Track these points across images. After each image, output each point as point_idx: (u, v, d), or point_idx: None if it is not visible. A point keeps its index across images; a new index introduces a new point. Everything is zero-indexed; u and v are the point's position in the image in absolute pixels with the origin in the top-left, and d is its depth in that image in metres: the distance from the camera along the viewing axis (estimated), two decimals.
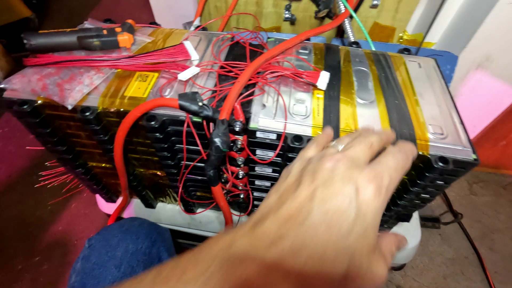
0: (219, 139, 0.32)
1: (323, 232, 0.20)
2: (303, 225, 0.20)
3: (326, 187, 0.21)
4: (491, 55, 0.70)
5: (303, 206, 0.21)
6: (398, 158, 0.25)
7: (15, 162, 1.13)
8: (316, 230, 0.20)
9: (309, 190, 0.22)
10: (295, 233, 0.20)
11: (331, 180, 0.21)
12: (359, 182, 0.21)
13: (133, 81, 0.37)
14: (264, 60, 0.38)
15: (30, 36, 0.36)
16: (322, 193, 0.21)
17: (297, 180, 0.23)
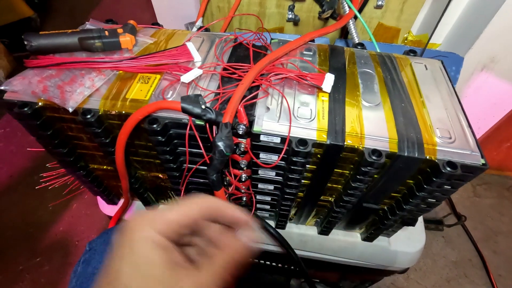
0: (223, 143, 0.31)
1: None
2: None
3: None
4: (496, 56, 0.69)
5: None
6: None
7: (16, 162, 1.12)
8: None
9: None
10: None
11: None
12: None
13: (135, 83, 0.37)
14: (268, 62, 0.37)
15: (31, 37, 0.36)
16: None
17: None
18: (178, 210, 0.23)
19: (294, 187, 0.38)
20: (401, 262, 0.53)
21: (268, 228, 0.48)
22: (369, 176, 0.34)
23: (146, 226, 0.22)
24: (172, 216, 0.23)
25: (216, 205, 0.25)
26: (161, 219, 0.22)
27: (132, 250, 0.21)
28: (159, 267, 0.21)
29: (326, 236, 0.52)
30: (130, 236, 0.21)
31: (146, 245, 0.21)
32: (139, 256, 0.21)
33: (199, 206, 0.24)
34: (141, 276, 0.20)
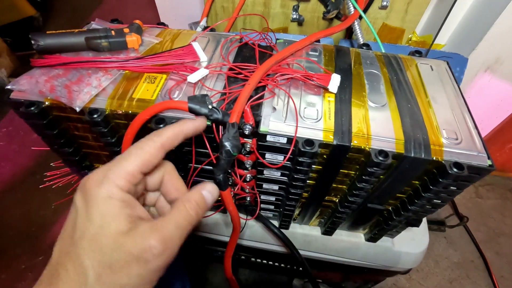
0: (230, 143, 0.31)
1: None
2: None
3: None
4: (500, 57, 0.69)
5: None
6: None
7: (19, 161, 1.13)
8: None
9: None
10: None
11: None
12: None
13: (141, 83, 0.37)
14: (274, 62, 0.37)
15: (38, 37, 0.36)
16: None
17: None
18: (135, 159, 0.23)
19: (299, 187, 0.38)
20: (405, 262, 0.53)
21: (272, 228, 0.48)
22: (375, 176, 0.34)
23: (105, 183, 0.22)
24: (130, 166, 0.23)
25: (169, 134, 0.25)
26: (120, 173, 0.22)
27: (96, 209, 0.21)
28: (125, 224, 0.21)
29: (329, 236, 0.52)
30: (92, 194, 0.21)
31: (109, 203, 0.21)
32: (103, 215, 0.21)
33: (156, 148, 0.24)
34: (109, 233, 0.20)
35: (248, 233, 0.54)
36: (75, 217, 0.22)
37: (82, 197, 0.22)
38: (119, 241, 0.20)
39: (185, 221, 0.23)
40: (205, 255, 0.70)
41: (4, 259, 0.92)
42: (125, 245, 0.20)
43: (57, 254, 0.21)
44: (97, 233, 0.21)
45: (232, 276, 0.50)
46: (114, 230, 0.21)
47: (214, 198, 0.26)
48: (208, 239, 0.58)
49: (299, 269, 0.67)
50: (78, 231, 0.21)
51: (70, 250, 0.21)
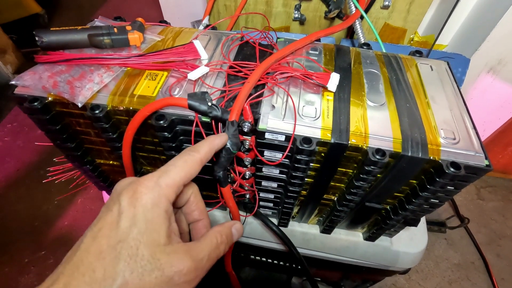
0: (229, 141, 0.31)
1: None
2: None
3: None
4: (503, 58, 0.68)
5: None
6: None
7: (23, 156, 1.14)
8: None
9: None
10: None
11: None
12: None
13: (142, 80, 0.37)
14: (274, 61, 0.38)
15: (42, 34, 0.37)
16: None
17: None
18: (181, 171, 0.24)
19: (297, 185, 0.39)
20: (403, 262, 0.53)
21: (271, 226, 0.49)
22: (373, 175, 0.34)
23: (156, 191, 0.22)
24: (177, 177, 0.24)
25: (206, 149, 0.27)
26: (169, 182, 0.23)
27: (143, 215, 0.21)
28: (164, 236, 0.22)
29: (328, 235, 0.52)
30: (141, 199, 0.22)
31: (155, 212, 0.22)
32: (148, 222, 0.21)
33: (197, 162, 0.26)
34: (149, 243, 0.21)
35: (247, 230, 0.54)
36: (117, 217, 0.21)
37: (130, 200, 0.22)
38: (156, 255, 0.21)
39: (214, 253, 0.24)
40: None
41: (7, 253, 0.93)
42: (161, 261, 0.21)
43: (85, 251, 0.21)
44: (139, 240, 0.21)
45: (232, 270, 0.50)
46: (154, 241, 0.21)
47: (240, 236, 0.28)
48: None
49: (297, 267, 0.68)
50: (120, 233, 0.21)
51: (104, 250, 0.20)
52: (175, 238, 0.23)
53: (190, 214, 0.29)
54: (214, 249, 0.24)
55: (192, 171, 0.25)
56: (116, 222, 0.21)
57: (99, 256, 0.20)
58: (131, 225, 0.21)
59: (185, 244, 0.23)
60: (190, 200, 0.28)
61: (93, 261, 0.20)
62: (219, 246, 0.25)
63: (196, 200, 0.28)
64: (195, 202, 0.28)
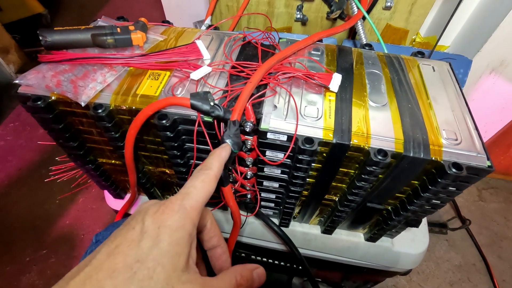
0: (231, 140, 0.31)
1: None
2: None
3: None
4: (505, 59, 0.68)
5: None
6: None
7: (25, 155, 1.15)
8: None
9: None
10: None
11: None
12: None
13: (145, 79, 0.38)
14: (276, 61, 0.38)
15: (45, 33, 0.37)
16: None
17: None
18: (201, 191, 0.24)
19: (299, 185, 0.39)
20: (404, 263, 0.53)
21: (272, 226, 0.49)
22: (374, 175, 0.34)
23: (181, 212, 0.22)
24: (200, 198, 0.23)
25: (218, 165, 0.27)
26: (192, 204, 0.22)
27: (168, 236, 0.20)
28: (183, 262, 0.20)
29: (329, 235, 0.52)
30: (166, 221, 0.21)
31: (179, 234, 0.21)
32: (171, 244, 0.20)
33: (213, 180, 0.25)
34: (167, 267, 0.20)
35: (248, 230, 0.54)
36: (139, 236, 0.20)
37: (155, 220, 0.21)
38: (171, 281, 0.19)
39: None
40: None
41: (9, 251, 0.93)
42: (173, 284, 0.19)
43: (97, 268, 0.19)
44: (158, 262, 0.19)
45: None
46: (174, 265, 0.20)
47: (261, 283, 0.26)
48: None
49: (298, 267, 0.68)
50: (140, 253, 0.20)
51: (118, 269, 0.19)
52: (193, 266, 0.22)
53: (209, 240, 0.28)
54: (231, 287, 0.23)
55: (211, 189, 0.25)
56: (138, 241, 0.20)
57: (112, 275, 0.19)
58: (153, 245, 0.20)
59: (202, 278, 0.22)
60: (207, 226, 0.27)
61: (103, 279, 0.18)
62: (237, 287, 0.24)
63: (213, 226, 0.28)
64: (212, 228, 0.28)
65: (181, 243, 0.21)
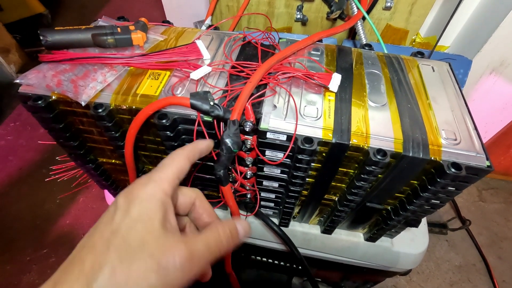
0: (230, 140, 0.32)
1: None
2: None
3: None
4: (506, 60, 0.68)
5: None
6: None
7: (26, 155, 1.15)
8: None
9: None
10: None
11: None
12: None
13: (145, 79, 0.38)
14: (276, 61, 0.38)
15: (46, 33, 0.37)
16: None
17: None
18: (171, 167, 0.25)
19: (298, 184, 0.39)
20: (404, 263, 0.53)
21: (272, 226, 0.49)
22: (374, 175, 0.34)
23: (150, 184, 0.23)
24: (170, 172, 0.25)
25: (189, 148, 0.28)
26: (162, 176, 0.24)
27: (137, 207, 0.22)
28: (157, 224, 0.21)
29: (329, 235, 0.52)
30: (135, 194, 0.22)
31: (149, 202, 0.22)
32: (141, 211, 0.22)
33: (184, 157, 0.27)
34: (140, 230, 0.21)
35: None
36: (112, 214, 0.22)
37: (125, 197, 0.22)
38: (147, 241, 0.20)
39: (215, 245, 0.23)
40: None
41: (9, 251, 0.94)
42: (150, 245, 0.20)
43: (79, 248, 0.21)
44: (131, 227, 0.21)
45: (232, 271, 0.50)
46: (147, 228, 0.21)
47: (246, 234, 0.26)
48: None
49: (298, 267, 0.68)
50: (114, 226, 0.21)
51: (96, 243, 0.21)
52: (171, 229, 0.22)
53: (199, 218, 0.28)
54: (215, 241, 0.23)
55: (180, 165, 0.26)
56: (112, 218, 0.22)
57: (91, 250, 0.20)
58: (125, 216, 0.21)
59: (184, 236, 0.22)
60: (195, 204, 0.28)
61: (85, 254, 0.20)
62: (222, 239, 0.24)
63: (202, 204, 0.28)
64: (201, 206, 0.28)
65: (152, 208, 0.22)
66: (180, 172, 0.25)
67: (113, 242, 0.20)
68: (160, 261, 0.20)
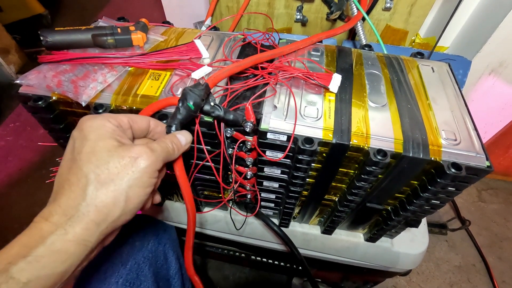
0: (191, 94, 0.30)
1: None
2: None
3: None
4: (505, 60, 0.68)
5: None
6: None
7: (25, 156, 1.15)
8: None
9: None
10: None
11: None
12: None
13: (146, 80, 0.38)
14: (270, 54, 0.39)
15: (46, 33, 0.37)
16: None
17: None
18: (123, 115, 0.28)
19: (299, 185, 0.39)
20: (404, 263, 0.53)
21: (272, 226, 0.49)
22: (374, 175, 0.34)
23: (99, 117, 0.27)
24: (121, 116, 0.28)
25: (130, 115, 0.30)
26: (107, 115, 0.27)
27: (92, 132, 0.25)
28: (116, 142, 0.25)
29: (329, 235, 0.52)
30: (88, 124, 0.26)
31: (102, 128, 0.26)
32: (98, 134, 0.25)
33: (127, 116, 0.29)
34: (103, 145, 0.25)
35: (248, 230, 0.54)
36: (72, 144, 0.26)
37: (79, 130, 0.26)
38: (111, 150, 0.25)
39: (165, 148, 0.28)
40: (205, 252, 0.70)
41: None
42: (118, 152, 0.25)
43: (58, 178, 0.25)
44: (93, 146, 0.25)
45: (195, 274, 0.41)
46: (107, 145, 0.25)
47: (187, 141, 0.31)
48: (208, 236, 0.58)
49: (298, 268, 0.68)
50: (76, 150, 0.25)
51: (71, 166, 0.24)
52: (127, 143, 0.27)
53: (154, 135, 0.31)
54: (164, 145, 0.28)
55: (122, 117, 0.28)
56: (72, 147, 0.25)
57: (70, 172, 0.24)
58: (84, 141, 0.25)
59: (134, 144, 0.27)
60: (150, 125, 0.31)
61: (67, 177, 0.24)
62: (168, 143, 0.28)
63: (156, 124, 0.31)
64: (156, 127, 0.31)
65: (106, 133, 0.25)
66: (122, 120, 0.28)
67: (84, 159, 0.24)
68: (130, 156, 0.25)
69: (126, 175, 0.24)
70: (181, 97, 0.31)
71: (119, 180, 0.24)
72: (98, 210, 0.23)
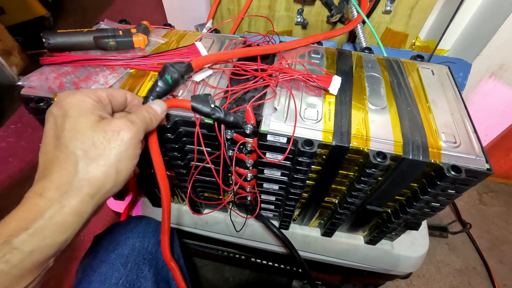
0: (172, 69, 0.32)
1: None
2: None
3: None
4: (505, 63, 0.69)
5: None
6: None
7: (26, 157, 1.15)
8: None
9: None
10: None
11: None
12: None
13: (147, 81, 0.38)
14: (266, 48, 0.40)
15: (49, 35, 0.37)
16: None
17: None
18: (101, 90, 0.29)
19: (298, 187, 0.39)
20: (404, 266, 0.53)
21: (272, 228, 0.49)
22: (374, 178, 0.34)
23: (78, 93, 0.27)
24: (100, 91, 0.29)
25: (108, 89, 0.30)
26: (86, 91, 0.28)
27: (72, 108, 0.26)
28: (97, 117, 0.26)
29: (329, 238, 0.52)
30: (67, 101, 0.26)
31: (82, 104, 0.26)
32: (78, 110, 0.26)
33: (106, 94, 0.29)
34: (85, 121, 0.25)
35: (248, 232, 0.54)
36: (53, 121, 0.26)
37: (59, 107, 0.26)
38: (94, 126, 0.25)
39: (143, 118, 0.29)
40: (205, 253, 0.70)
41: None
42: (101, 127, 0.25)
43: (43, 156, 0.25)
44: (75, 123, 0.25)
45: (171, 260, 0.40)
46: (89, 120, 0.25)
47: (163, 110, 0.31)
48: (208, 238, 0.58)
49: (298, 270, 0.68)
50: (59, 128, 0.25)
51: (56, 144, 0.25)
52: (107, 117, 0.27)
53: (132, 107, 0.32)
54: (142, 115, 0.29)
55: (103, 96, 0.29)
56: (54, 124, 0.26)
57: (56, 150, 0.25)
58: (64, 118, 0.25)
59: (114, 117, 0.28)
60: (128, 99, 0.31)
61: (54, 155, 0.25)
62: (145, 114, 0.29)
63: (132, 98, 0.32)
64: (133, 99, 0.32)
65: (85, 109, 0.26)
66: (101, 95, 0.28)
67: (68, 137, 0.25)
68: (113, 130, 0.26)
69: (113, 149, 0.25)
70: (161, 71, 0.32)
71: (107, 154, 0.25)
72: (91, 184, 0.24)
